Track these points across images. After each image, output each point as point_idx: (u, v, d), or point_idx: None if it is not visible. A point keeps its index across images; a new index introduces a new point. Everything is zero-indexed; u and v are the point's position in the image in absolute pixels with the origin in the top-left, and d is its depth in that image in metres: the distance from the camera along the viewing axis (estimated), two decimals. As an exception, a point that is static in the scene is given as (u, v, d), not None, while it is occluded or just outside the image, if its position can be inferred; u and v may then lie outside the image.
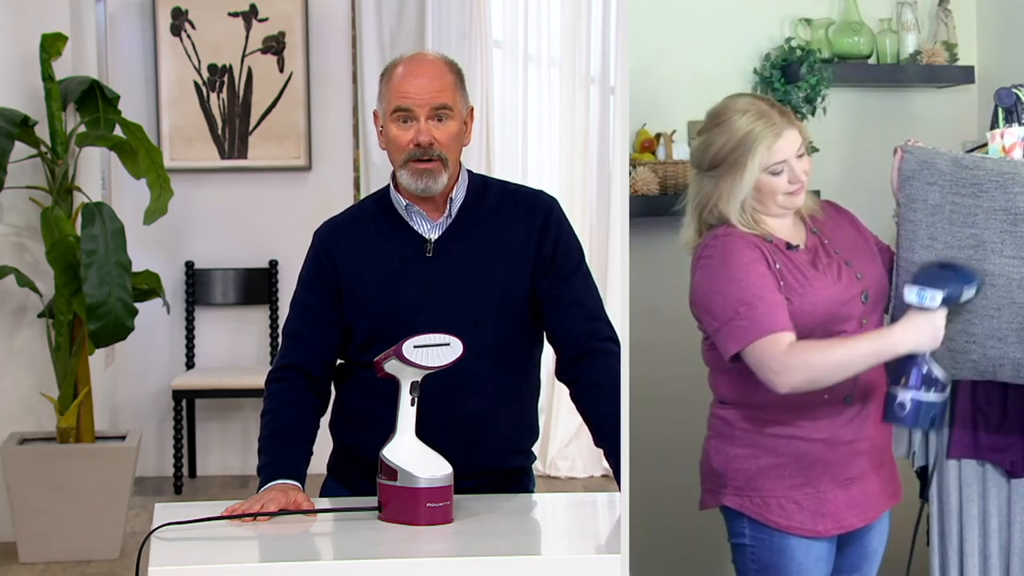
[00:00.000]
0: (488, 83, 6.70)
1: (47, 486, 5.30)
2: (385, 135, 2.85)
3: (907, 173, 2.79)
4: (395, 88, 2.81)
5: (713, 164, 2.77)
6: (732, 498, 2.80)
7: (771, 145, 2.72)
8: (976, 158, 2.74)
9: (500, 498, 2.79)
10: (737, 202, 2.74)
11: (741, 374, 2.74)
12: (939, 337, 2.66)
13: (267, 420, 2.83)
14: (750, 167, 2.72)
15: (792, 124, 2.75)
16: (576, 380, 2.85)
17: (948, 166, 2.74)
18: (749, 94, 2.88)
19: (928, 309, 2.65)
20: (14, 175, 5.27)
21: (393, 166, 2.85)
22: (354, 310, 2.85)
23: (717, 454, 2.82)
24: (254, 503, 2.60)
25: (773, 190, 2.75)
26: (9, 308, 5.63)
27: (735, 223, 2.75)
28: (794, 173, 2.75)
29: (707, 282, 2.75)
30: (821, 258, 2.79)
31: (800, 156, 2.75)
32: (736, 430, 2.80)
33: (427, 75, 2.82)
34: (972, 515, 3.00)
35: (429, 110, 2.79)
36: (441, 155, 2.79)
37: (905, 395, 2.68)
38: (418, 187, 2.80)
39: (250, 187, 6.78)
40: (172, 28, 6.68)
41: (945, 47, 4.02)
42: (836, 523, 2.80)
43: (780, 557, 2.78)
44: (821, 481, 2.78)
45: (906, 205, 2.80)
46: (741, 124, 2.73)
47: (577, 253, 2.90)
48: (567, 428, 6.67)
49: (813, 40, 3.98)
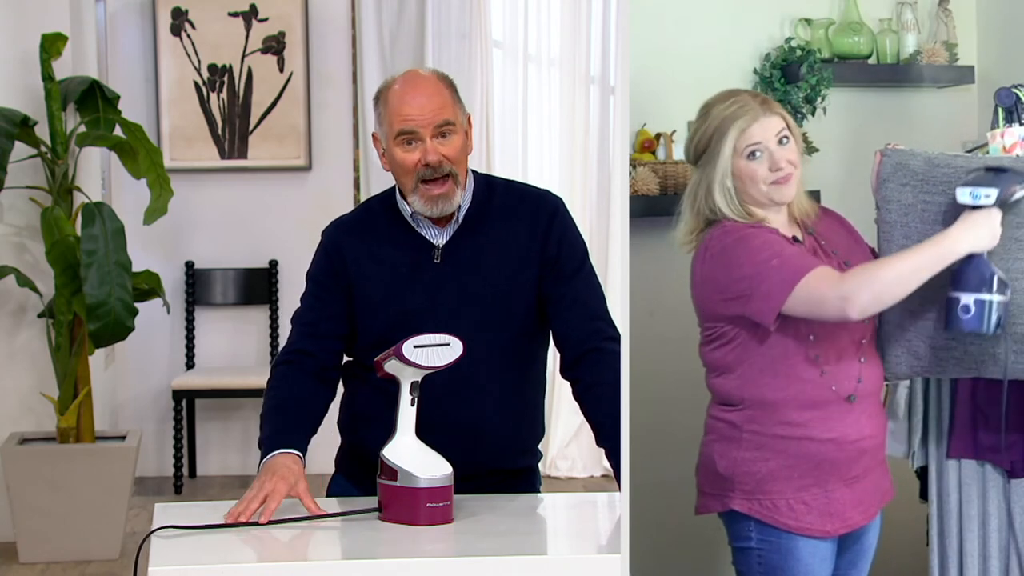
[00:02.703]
0: (488, 83, 6.70)
1: (47, 486, 5.30)
2: (390, 159, 2.84)
3: (884, 176, 2.82)
4: (395, 111, 2.80)
5: (697, 154, 2.81)
6: (740, 502, 2.77)
7: (744, 128, 2.73)
8: (948, 156, 2.77)
9: (500, 498, 2.79)
10: (717, 187, 2.75)
11: (749, 374, 2.74)
12: (997, 235, 2.63)
13: (270, 396, 2.83)
14: (724, 151, 2.74)
15: (772, 112, 2.76)
16: (578, 379, 2.85)
17: (921, 166, 2.78)
18: (739, 89, 2.88)
19: (983, 207, 2.62)
20: (14, 175, 5.27)
21: (403, 191, 2.85)
22: (363, 312, 2.85)
23: (722, 458, 2.79)
24: (256, 494, 2.59)
25: (753, 175, 2.74)
26: (9, 308, 5.63)
27: (727, 212, 2.76)
28: (773, 159, 2.74)
29: (724, 265, 2.73)
30: (821, 257, 2.79)
31: (781, 143, 2.75)
32: (744, 432, 2.77)
33: (425, 94, 2.80)
34: (972, 515, 3.00)
35: (432, 129, 2.78)
36: (452, 171, 2.79)
37: (969, 297, 2.64)
38: (433, 211, 2.80)
39: (250, 187, 6.79)
40: (172, 28, 6.68)
41: (945, 47, 4.02)
42: (843, 522, 2.80)
43: (787, 559, 2.77)
44: (829, 481, 2.78)
45: (883, 207, 2.83)
46: (718, 110, 2.77)
47: (581, 253, 2.91)
48: (567, 428, 6.67)
49: (813, 40, 3.98)
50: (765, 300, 2.65)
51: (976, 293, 2.64)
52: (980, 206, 2.62)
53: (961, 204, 2.64)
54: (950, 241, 2.64)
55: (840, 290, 2.60)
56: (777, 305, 2.65)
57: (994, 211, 2.63)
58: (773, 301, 2.65)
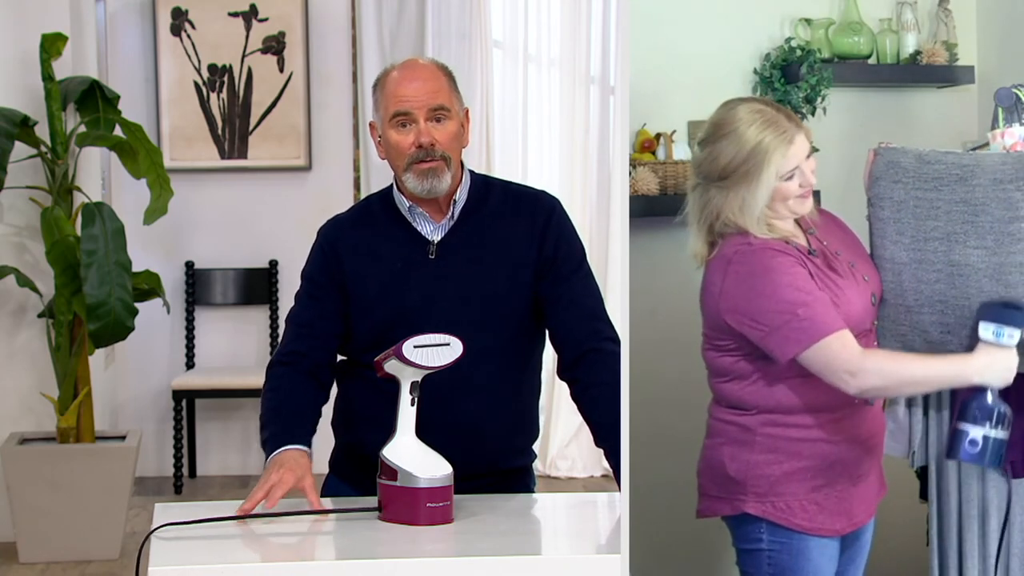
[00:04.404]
0: (488, 83, 6.70)
1: (47, 486, 5.30)
2: (384, 142, 2.85)
3: (876, 174, 2.84)
4: (391, 94, 2.82)
5: (723, 175, 2.74)
6: (754, 504, 2.77)
7: (785, 153, 2.71)
8: (939, 153, 2.79)
9: (500, 498, 2.79)
10: (755, 213, 2.72)
11: (763, 382, 2.74)
12: (1011, 376, 2.68)
13: (269, 398, 2.83)
14: (765, 178, 2.70)
15: (800, 128, 2.74)
16: (577, 380, 2.85)
17: (912, 163, 2.80)
18: (749, 99, 2.85)
19: (1004, 347, 2.66)
20: (14, 175, 5.27)
21: (396, 173, 2.85)
22: (358, 310, 2.85)
23: (734, 461, 2.78)
24: (262, 485, 2.59)
25: (786, 196, 2.74)
26: (9, 308, 5.63)
27: (755, 232, 2.73)
28: (804, 176, 2.74)
29: (748, 289, 2.70)
30: (833, 263, 2.79)
31: (808, 158, 2.76)
32: (757, 436, 2.76)
33: (421, 78, 2.82)
34: (972, 515, 3.00)
35: (427, 111, 2.79)
36: (444, 155, 2.80)
37: (977, 432, 2.69)
38: (424, 188, 2.80)
39: (250, 187, 6.79)
40: (172, 28, 6.68)
41: (945, 47, 4.02)
42: (850, 520, 2.82)
43: (798, 559, 2.77)
44: (839, 481, 2.79)
45: (875, 204, 2.85)
46: (751, 134, 2.71)
47: (578, 253, 2.90)
48: (567, 428, 6.67)
49: (813, 40, 3.98)
50: (783, 344, 2.67)
51: (983, 428, 2.69)
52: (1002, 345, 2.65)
53: (983, 340, 2.66)
54: (969, 371, 2.68)
55: (852, 365, 2.64)
56: (793, 353, 2.67)
57: (1014, 351, 2.66)
58: (790, 349, 2.67)
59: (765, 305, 2.68)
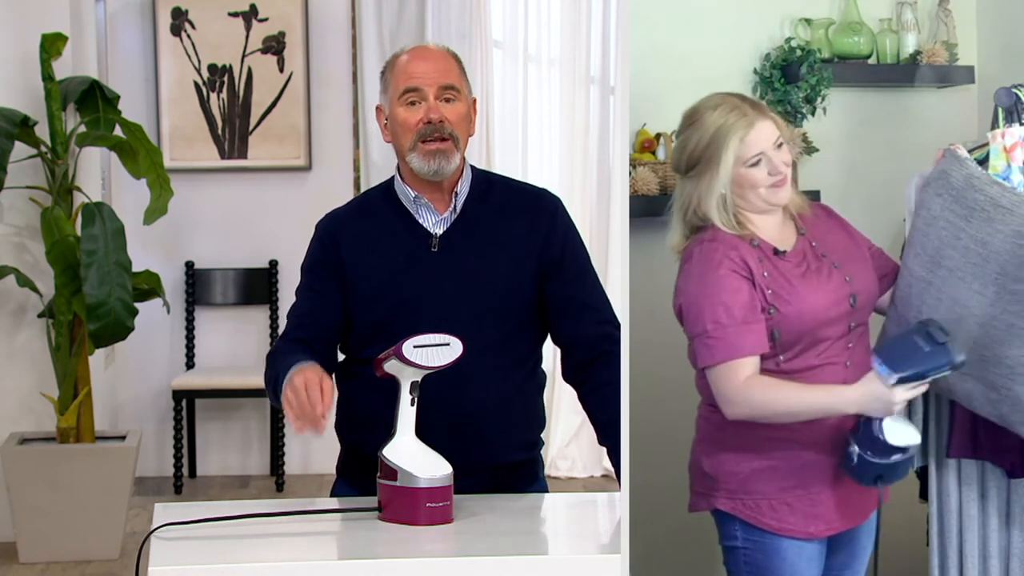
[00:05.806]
0: (488, 83, 6.70)
1: (47, 486, 5.30)
2: (392, 121, 2.84)
3: (931, 177, 2.80)
4: (401, 71, 2.83)
5: (690, 164, 2.79)
6: (724, 501, 2.80)
7: (743, 137, 2.72)
8: (986, 181, 2.70)
9: (500, 498, 2.79)
10: (714, 198, 2.74)
11: None
12: (892, 410, 2.65)
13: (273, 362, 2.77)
14: (724, 161, 2.72)
15: (765, 116, 2.75)
16: (588, 380, 2.85)
17: (960, 181, 2.73)
18: (722, 92, 2.86)
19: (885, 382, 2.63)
20: (14, 175, 5.27)
21: (401, 153, 2.84)
22: (359, 304, 2.85)
23: (708, 457, 2.82)
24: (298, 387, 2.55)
25: (753, 183, 2.74)
26: (9, 308, 5.63)
27: (718, 223, 2.75)
28: (773, 164, 2.74)
29: (686, 289, 2.76)
30: (810, 262, 2.78)
31: (778, 147, 2.75)
32: (727, 433, 2.78)
33: (432, 59, 2.85)
34: (972, 515, 3.00)
35: (437, 89, 2.80)
36: (452, 133, 2.80)
37: (853, 449, 2.71)
38: (430, 168, 2.80)
39: (250, 187, 6.79)
40: (172, 28, 6.68)
41: (945, 47, 4.02)
42: (826, 525, 2.81)
43: (772, 559, 2.78)
44: (813, 483, 2.78)
45: (918, 206, 2.81)
46: (713, 119, 2.74)
47: (584, 254, 2.92)
48: (567, 428, 6.66)
49: (813, 40, 3.98)
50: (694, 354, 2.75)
51: (859, 449, 2.70)
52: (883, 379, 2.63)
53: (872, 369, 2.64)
54: (845, 400, 2.68)
55: (730, 395, 2.69)
56: (701, 365, 2.74)
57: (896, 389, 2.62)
58: (699, 360, 2.74)
59: (692, 311, 2.74)
